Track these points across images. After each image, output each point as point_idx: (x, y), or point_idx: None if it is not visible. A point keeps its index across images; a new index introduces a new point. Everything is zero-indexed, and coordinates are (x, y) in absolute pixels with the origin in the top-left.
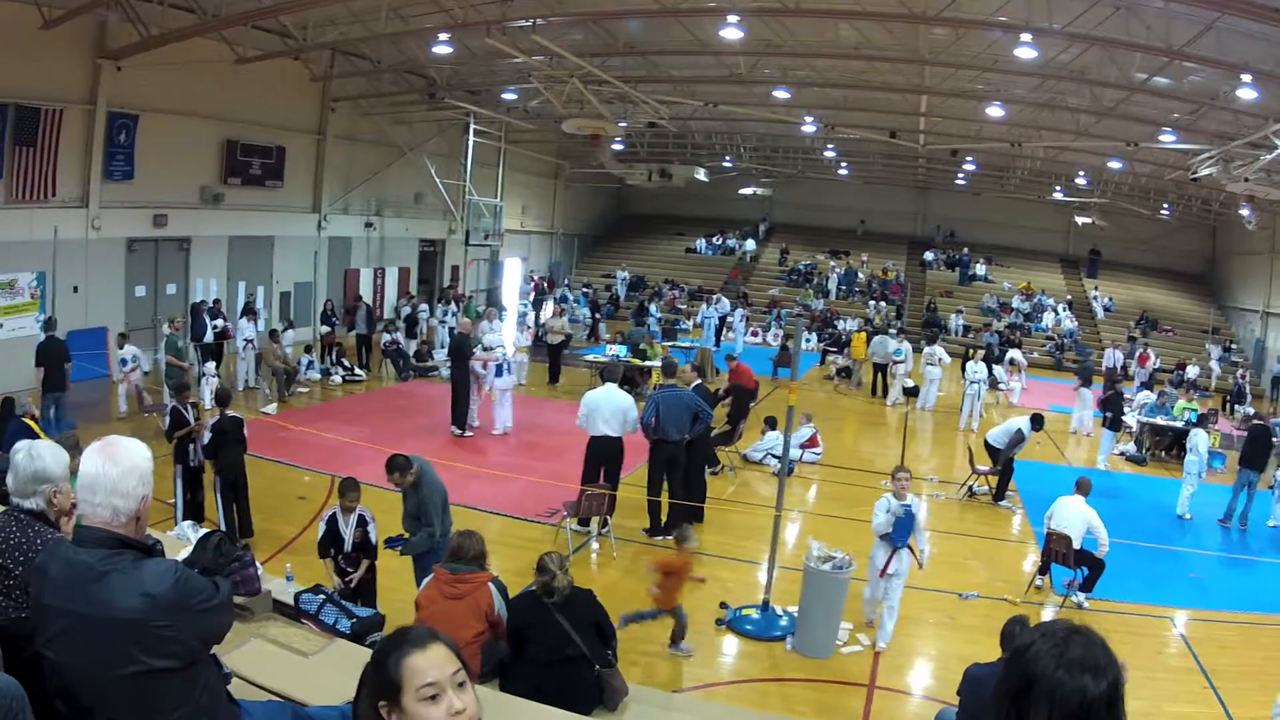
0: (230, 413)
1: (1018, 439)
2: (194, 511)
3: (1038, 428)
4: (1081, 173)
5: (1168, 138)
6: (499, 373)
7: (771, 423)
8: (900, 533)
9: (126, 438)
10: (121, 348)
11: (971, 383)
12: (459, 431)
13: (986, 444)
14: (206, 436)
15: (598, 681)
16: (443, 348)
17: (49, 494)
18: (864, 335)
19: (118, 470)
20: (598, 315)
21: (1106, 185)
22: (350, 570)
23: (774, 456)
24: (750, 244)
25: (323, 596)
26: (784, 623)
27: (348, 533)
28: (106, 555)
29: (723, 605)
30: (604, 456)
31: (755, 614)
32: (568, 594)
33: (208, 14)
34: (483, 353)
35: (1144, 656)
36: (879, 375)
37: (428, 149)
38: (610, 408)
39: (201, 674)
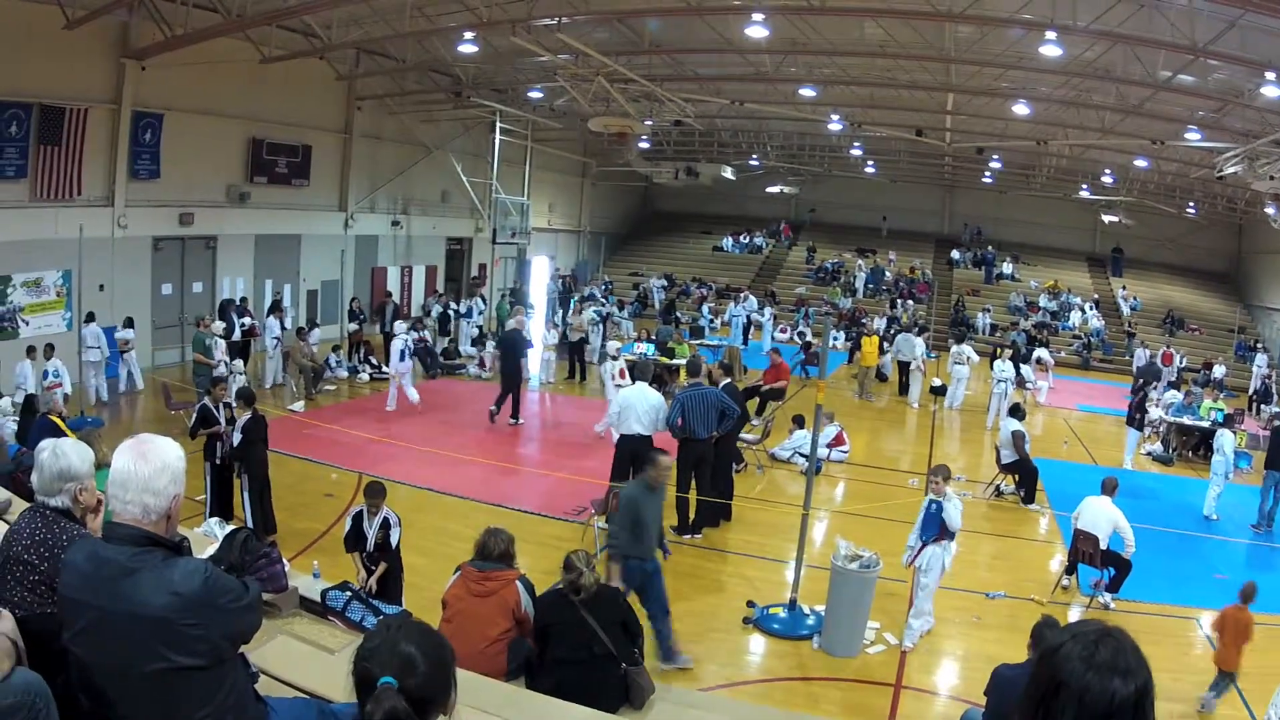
0: (256, 411)
1: (1021, 439)
2: (222, 509)
3: (1020, 416)
4: (1107, 170)
5: (1193, 136)
6: (401, 358)
7: (799, 421)
8: (926, 527)
9: (160, 436)
10: (49, 358)
11: (999, 381)
12: (515, 420)
13: (1006, 465)
14: (237, 437)
15: (624, 680)
16: (471, 344)
17: (75, 492)
18: (876, 340)
19: (149, 469)
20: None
21: (1132, 184)
22: (373, 569)
23: (801, 455)
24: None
25: (349, 593)
26: (811, 622)
27: (371, 533)
28: (136, 552)
29: (750, 604)
30: (634, 455)
31: (782, 613)
32: (594, 591)
33: (231, 14)
34: (613, 364)
35: (1170, 658)
36: (903, 373)
37: (454, 147)
38: (644, 406)
39: (228, 673)
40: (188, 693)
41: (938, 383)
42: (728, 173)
